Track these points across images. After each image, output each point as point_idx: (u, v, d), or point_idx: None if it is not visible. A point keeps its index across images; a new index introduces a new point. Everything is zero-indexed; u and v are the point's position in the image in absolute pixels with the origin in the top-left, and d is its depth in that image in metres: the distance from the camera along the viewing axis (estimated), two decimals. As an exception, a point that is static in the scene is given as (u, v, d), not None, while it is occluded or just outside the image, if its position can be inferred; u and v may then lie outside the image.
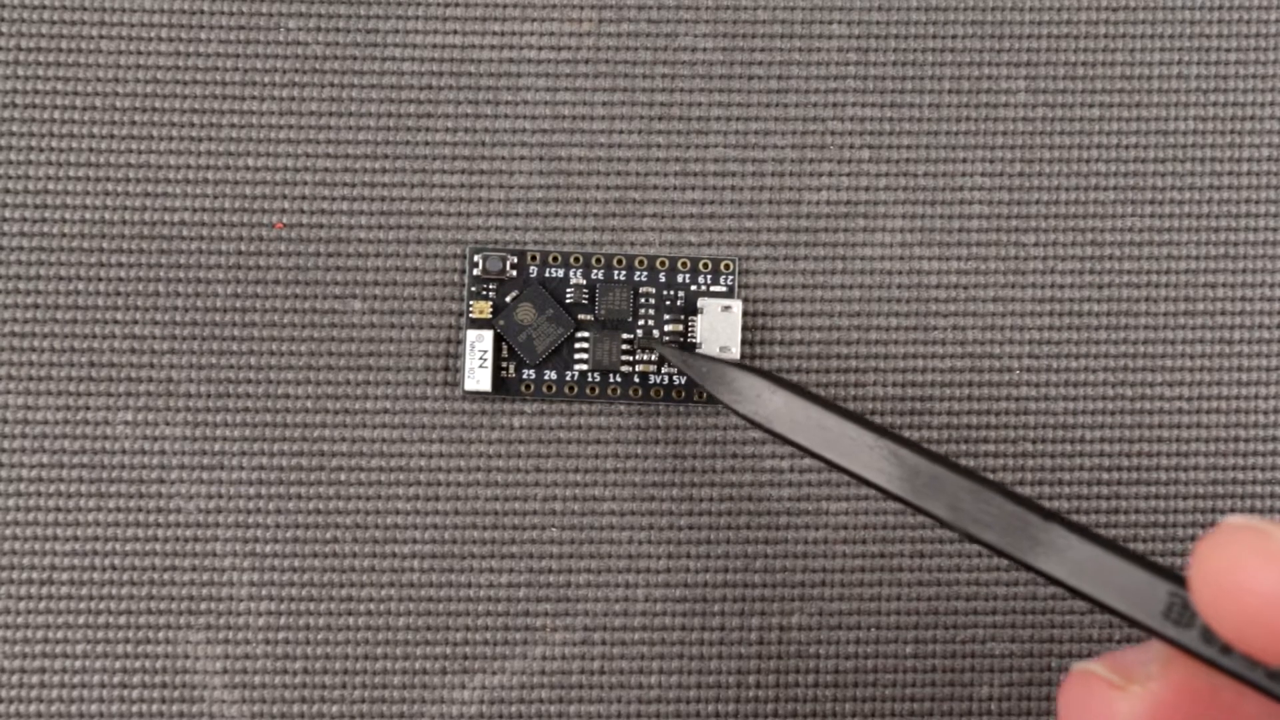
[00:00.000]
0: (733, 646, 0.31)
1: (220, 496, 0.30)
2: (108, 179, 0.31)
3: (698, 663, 0.31)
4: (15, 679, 0.30)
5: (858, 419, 0.26)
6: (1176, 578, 0.22)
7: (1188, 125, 0.32)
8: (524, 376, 0.31)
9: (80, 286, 0.31)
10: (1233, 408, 0.32)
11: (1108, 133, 0.32)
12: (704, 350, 0.30)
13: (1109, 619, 0.31)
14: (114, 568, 0.30)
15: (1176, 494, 0.31)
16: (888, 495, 0.25)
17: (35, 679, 0.30)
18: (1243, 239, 0.32)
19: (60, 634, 0.30)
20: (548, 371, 0.31)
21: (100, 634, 0.30)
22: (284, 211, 0.31)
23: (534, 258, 0.31)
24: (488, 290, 0.31)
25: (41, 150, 0.31)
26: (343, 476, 0.31)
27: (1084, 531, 0.23)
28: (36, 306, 0.31)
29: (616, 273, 0.31)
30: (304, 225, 0.31)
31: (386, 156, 0.31)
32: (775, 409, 0.27)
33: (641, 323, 0.31)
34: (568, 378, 0.31)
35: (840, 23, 0.32)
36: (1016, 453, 0.31)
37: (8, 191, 0.31)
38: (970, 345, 0.31)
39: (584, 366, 0.31)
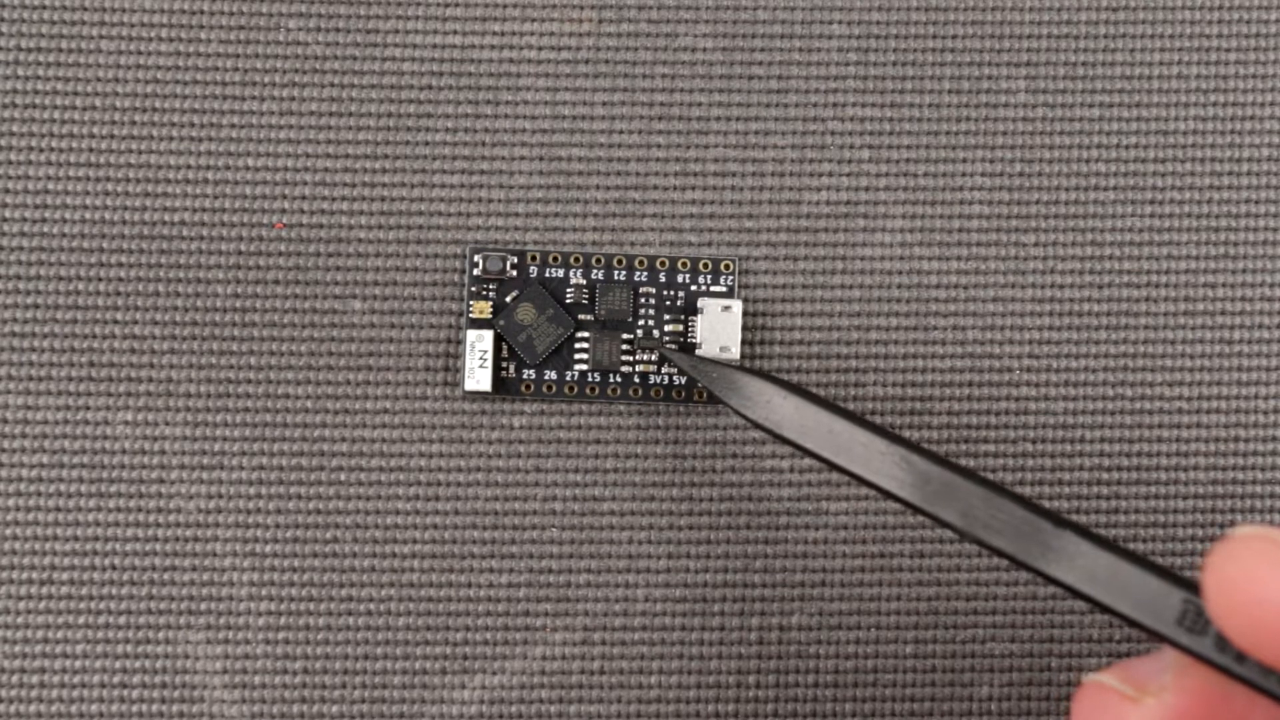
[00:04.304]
0: (733, 646, 0.31)
1: (220, 496, 0.30)
2: (108, 179, 0.31)
3: (698, 663, 0.31)
4: (15, 679, 0.30)
5: (868, 425, 0.26)
6: (1190, 585, 0.22)
7: (1188, 125, 0.32)
8: (524, 376, 0.31)
9: (80, 286, 0.31)
10: (1233, 408, 0.31)
11: (1108, 133, 0.32)
12: (704, 351, 0.30)
13: (1108, 619, 0.31)
14: (114, 568, 0.30)
15: (1176, 494, 0.31)
16: (899, 501, 0.25)
17: (35, 679, 0.30)
18: (1243, 239, 0.32)
19: (60, 634, 0.30)
20: (548, 371, 0.31)
21: (100, 634, 0.30)
22: (284, 211, 0.31)
23: (534, 258, 0.31)
24: (488, 290, 0.31)
25: (41, 150, 0.31)
26: (343, 476, 0.31)
27: (1097, 539, 0.23)
28: (36, 306, 0.31)
29: (616, 273, 0.31)
30: (304, 225, 0.31)
31: (386, 156, 0.31)
32: (785, 414, 0.27)
33: (641, 323, 0.31)
34: (568, 378, 0.31)
35: (840, 23, 0.32)
36: (1016, 453, 0.31)
37: (8, 191, 0.31)
38: (970, 345, 0.31)
39: (584, 366, 0.31)
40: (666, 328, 0.31)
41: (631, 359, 0.31)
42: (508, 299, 0.31)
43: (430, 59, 0.31)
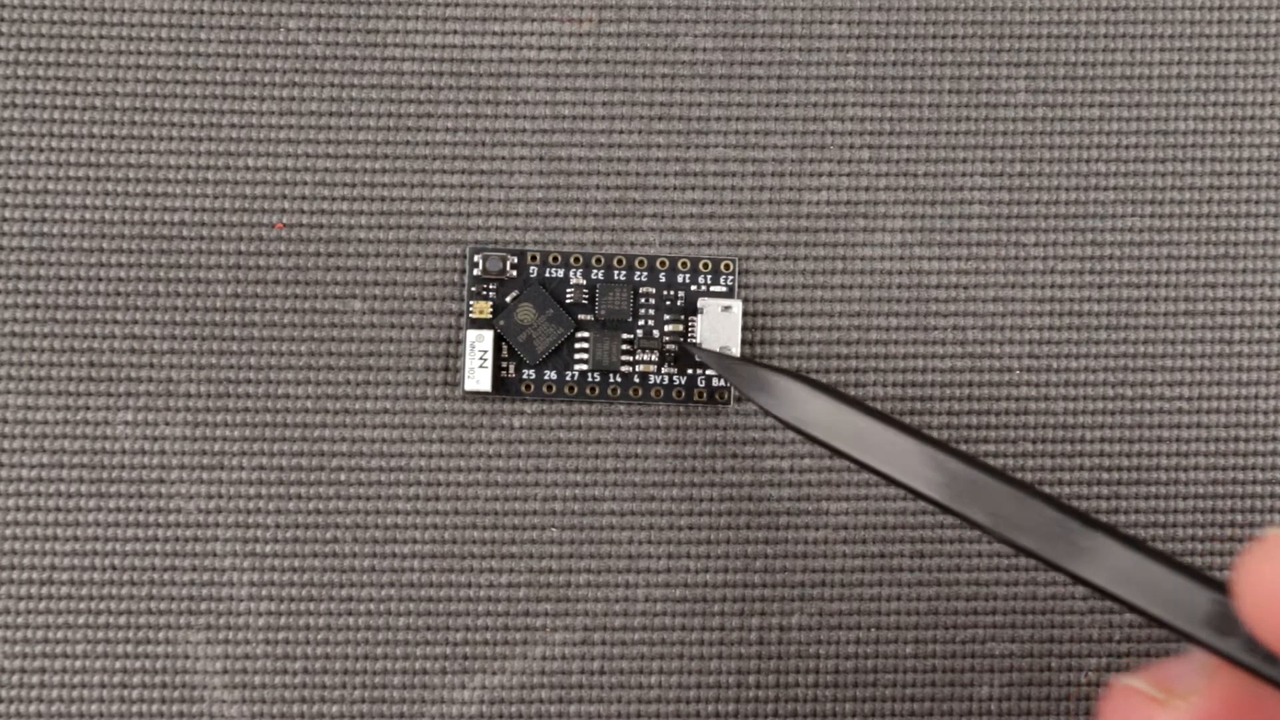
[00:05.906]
0: (733, 646, 0.31)
1: (220, 496, 0.30)
2: (108, 179, 0.31)
3: (698, 663, 0.31)
4: (15, 679, 0.30)
5: (896, 423, 0.25)
6: (1219, 585, 0.22)
7: (1188, 125, 0.32)
8: (524, 376, 0.31)
9: (80, 286, 0.31)
10: (1233, 408, 0.31)
11: (1108, 133, 0.32)
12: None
13: (1108, 619, 0.31)
14: (114, 568, 0.30)
15: (1176, 494, 0.31)
16: (927, 500, 0.25)
17: (35, 679, 0.30)
18: (1243, 239, 0.32)
19: (60, 634, 0.30)
20: (548, 371, 0.31)
21: (100, 634, 0.30)
22: (284, 211, 0.31)
23: (534, 258, 0.31)
24: (488, 290, 0.31)
25: (41, 150, 0.31)
26: (343, 476, 0.31)
27: (1127, 538, 0.23)
28: (36, 306, 0.31)
29: (616, 273, 0.31)
30: (304, 225, 0.31)
31: (386, 156, 0.31)
32: (813, 413, 0.26)
33: (641, 323, 0.31)
34: (568, 378, 0.31)
35: (840, 23, 0.32)
36: (1016, 453, 0.31)
37: (8, 191, 0.31)
38: (970, 345, 0.31)
39: (584, 366, 0.31)
40: (666, 328, 0.31)
41: (631, 359, 0.31)
42: (508, 299, 0.31)
43: (430, 59, 0.31)
